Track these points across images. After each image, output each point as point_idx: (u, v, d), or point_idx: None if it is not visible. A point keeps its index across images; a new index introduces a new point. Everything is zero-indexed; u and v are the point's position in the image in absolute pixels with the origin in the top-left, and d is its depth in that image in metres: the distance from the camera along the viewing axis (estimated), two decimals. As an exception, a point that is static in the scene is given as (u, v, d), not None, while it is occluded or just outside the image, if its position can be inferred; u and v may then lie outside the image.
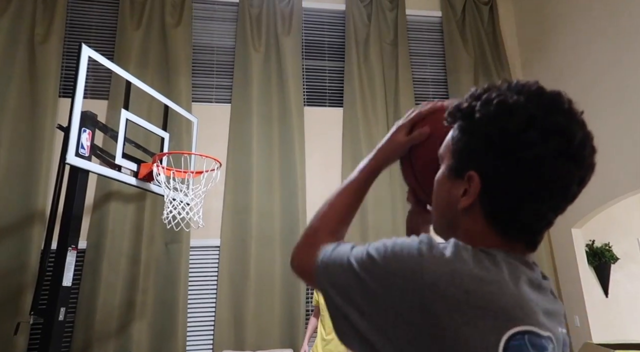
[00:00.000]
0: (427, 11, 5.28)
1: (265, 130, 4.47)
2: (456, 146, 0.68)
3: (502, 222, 0.63)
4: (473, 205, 0.65)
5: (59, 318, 2.67)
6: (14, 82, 4.05)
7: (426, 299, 0.55)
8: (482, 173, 0.63)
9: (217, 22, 4.81)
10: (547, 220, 0.63)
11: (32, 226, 3.80)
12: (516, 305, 0.56)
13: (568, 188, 0.62)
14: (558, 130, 0.60)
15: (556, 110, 0.61)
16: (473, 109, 0.65)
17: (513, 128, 0.60)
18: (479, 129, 0.64)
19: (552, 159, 0.59)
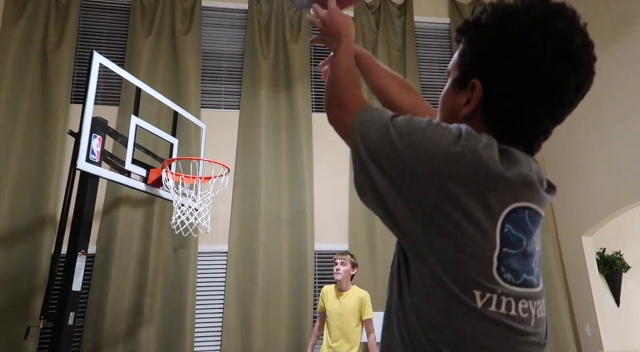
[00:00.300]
0: (435, 18, 5.28)
1: (273, 136, 4.49)
2: (462, 58, 0.73)
3: (501, 127, 0.68)
4: (474, 112, 0.70)
5: (69, 323, 2.69)
6: (26, 88, 4.12)
7: (448, 167, 0.61)
8: (485, 79, 0.68)
9: (226, 29, 4.86)
10: (545, 127, 0.68)
11: (43, 230, 3.84)
12: (525, 184, 0.63)
13: (565, 92, 0.65)
14: (558, 34, 0.64)
15: (557, 16, 0.65)
16: (480, 20, 0.70)
17: (515, 31, 0.65)
18: (483, 36, 0.68)
19: (551, 61, 0.63)
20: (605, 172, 4.08)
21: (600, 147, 4.16)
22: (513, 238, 0.62)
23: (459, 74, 0.73)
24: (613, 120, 4.02)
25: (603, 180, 4.10)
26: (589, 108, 4.29)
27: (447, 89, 0.77)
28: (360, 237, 4.35)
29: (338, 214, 4.47)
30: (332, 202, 4.49)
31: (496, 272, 0.60)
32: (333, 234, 4.41)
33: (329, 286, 3.34)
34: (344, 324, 3.12)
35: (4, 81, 4.07)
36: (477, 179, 0.60)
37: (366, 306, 3.15)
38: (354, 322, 3.13)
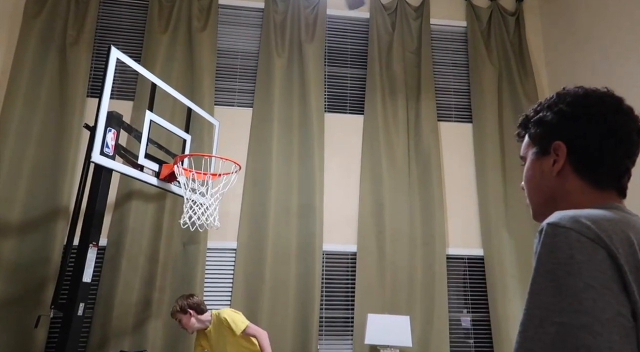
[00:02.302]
0: (452, 21, 5.25)
1: (285, 135, 4.50)
2: (536, 135, 0.86)
3: (591, 174, 0.78)
4: (564, 168, 0.80)
5: (78, 313, 2.73)
6: (45, 80, 4.19)
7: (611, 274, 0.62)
8: (565, 139, 0.80)
9: (242, 27, 4.88)
10: (625, 165, 0.78)
11: (56, 221, 3.90)
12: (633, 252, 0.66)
13: (630, 135, 0.79)
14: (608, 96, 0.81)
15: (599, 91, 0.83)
16: (540, 107, 0.87)
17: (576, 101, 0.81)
18: (553, 112, 0.83)
19: (612, 113, 0.78)
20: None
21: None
22: None
23: (538, 146, 0.85)
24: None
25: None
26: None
27: (530, 163, 0.87)
28: (369, 239, 4.34)
29: (348, 215, 4.47)
30: (342, 204, 4.49)
31: None
32: (342, 235, 4.40)
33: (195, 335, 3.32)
34: (235, 349, 3.09)
35: (23, 73, 4.14)
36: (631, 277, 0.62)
37: (231, 324, 3.05)
38: (237, 344, 3.09)
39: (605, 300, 0.57)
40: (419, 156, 4.65)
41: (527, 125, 0.89)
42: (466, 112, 5.00)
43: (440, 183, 4.55)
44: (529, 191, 0.88)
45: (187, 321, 3.12)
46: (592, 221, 0.64)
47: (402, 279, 4.24)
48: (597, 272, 0.58)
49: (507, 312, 4.19)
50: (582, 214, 0.66)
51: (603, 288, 0.58)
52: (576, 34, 4.74)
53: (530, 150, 0.87)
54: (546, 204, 0.84)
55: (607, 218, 0.66)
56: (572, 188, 0.80)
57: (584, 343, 0.54)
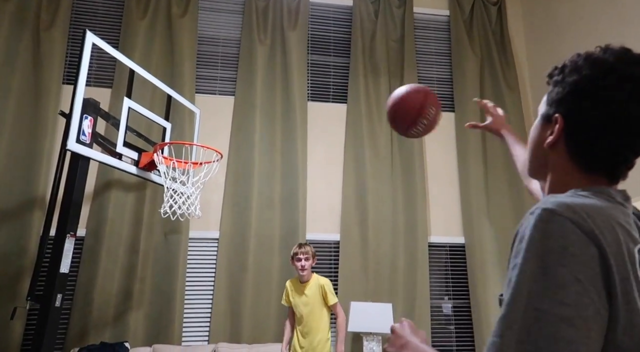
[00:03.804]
0: (435, 9, 5.24)
1: (268, 124, 4.46)
2: (549, 97, 0.83)
3: (581, 156, 0.76)
4: (558, 142, 0.79)
5: (56, 304, 2.67)
6: (18, 67, 4.05)
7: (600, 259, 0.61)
8: (566, 115, 0.77)
9: (223, 14, 4.79)
10: (624, 156, 0.75)
11: (32, 211, 3.80)
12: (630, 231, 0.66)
13: (636, 125, 0.73)
14: (632, 78, 0.73)
15: (633, 63, 0.74)
16: (565, 64, 0.81)
17: (593, 74, 0.75)
18: (566, 78, 0.78)
19: (624, 102, 0.72)
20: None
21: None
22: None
23: (546, 110, 0.83)
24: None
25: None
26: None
27: (536, 122, 0.86)
28: (352, 228, 4.35)
29: (330, 204, 4.46)
30: (325, 192, 4.48)
31: None
32: (325, 224, 4.40)
33: (291, 280, 3.42)
34: (310, 313, 3.20)
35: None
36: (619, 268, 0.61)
37: (328, 293, 3.22)
38: (319, 310, 3.21)
39: (590, 297, 0.57)
40: (401, 145, 4.66)
41: (552, 76, 0.84)
42: (448, 102, 5.02)
43: (422, 172, 4.58)
44: (529, 148, 0.88)
45: (310, 264, 3.27)
46: (588, 214, 0.63)
47: (384, 267, 4.27)
48: (587, 268, 0.59)
49: (487, 298, 4.27)
50: (578, 203, 0.65)
51: (589, 285, 0.58)
52: (557, 23, 4.78)
53: (542, 109, 0.85)
54: (539, 168, 0.84)
55: (601, 211, 0.65)
56: (560, 166, 0.79)
57: (563, 335, 0.55)
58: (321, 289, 3.23)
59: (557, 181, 0.79)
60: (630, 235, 0.65)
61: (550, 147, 0.80)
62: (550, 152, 0.81)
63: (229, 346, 3.69)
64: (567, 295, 0.57)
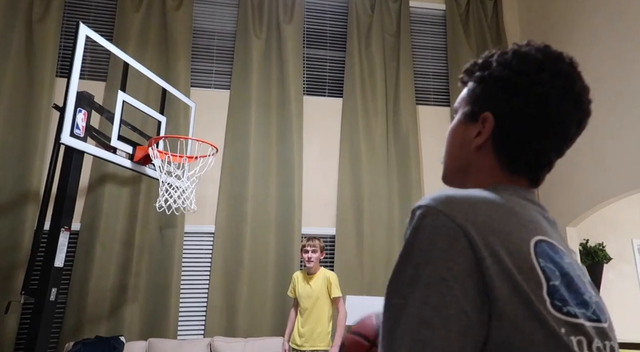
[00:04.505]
0: (431, 4, 5.23)
1: (263, 117, 4.45)
2: (472, 94, 0.77)
3: (509, 158, 0.71)
4: (485, 144, 0.73)
5: (50, 298, 2.66)
6: (10, 60, 4.00)
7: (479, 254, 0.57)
8: (496, 113, 0.72)
9: (219, 7, 4.76)
10: (549, 159, 0.72)
11: (26, 205, 3.78)
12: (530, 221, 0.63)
13: (568, 127, 0.71)
14: (563, 74, 0.70)
15: (560, 60, 0.72)
16: (489, 61, 0.76)
17: (526, 69, 0.71)
18: (495, 74, 0.73)
19: (557, 99, 0.69)
20: (591, 165, 4.11)
21: (587, 139, 4.19)
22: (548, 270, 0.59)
23: (470, 108, 0.76)
24: (599, 113, 4.04)
25: (589, 172, 4.13)
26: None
27: (457, 122, 0.79)
28: (347, 223, 4.35)
29: (326, 198, 4.46)
30: (320, 187, 4.48)
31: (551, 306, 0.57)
32: (321, 219, 4.41)
33: (299, 271, 3.43)
34: (313, 305, 3.22)
35: (-13, 52, 3.95)
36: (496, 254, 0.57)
37: (332, 285, 3.25)
38: (322, 302, 3.23)
39: (453, 295, 0.54)
40: (397, 140, 4.66)
41: (472, 75, 0.78)
42: (444, 96, 5.02)
43: (418, 166, 4.59)
44: (446, 151, 0.80)
45: (317, 258, 3.29)
46: (468, 203, 0.60)
47: (380, 260, 4.28)
48: (453, 263, 0.56)
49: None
50: (459, 193, 0.62)
51: (454, 281, 0.55)
52: (552, 18, 4.78)
53: (462, 109, 0.78)
54: (457, 172, 0.77)
55: (491, 202, 0.62)
56: (485, 167, 0.73)
57: (419, 337, 0.53)
58: (327, 281, 3.26)
59: (479, 182, 0.73)
60: (527, 226, 0.61)
61: (476, 149, 0.74)
62: (475, 154, 0.74)
63: (224, 339, 3.70)
64: (430, 295, 0.55)
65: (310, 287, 3.26)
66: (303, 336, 3.21)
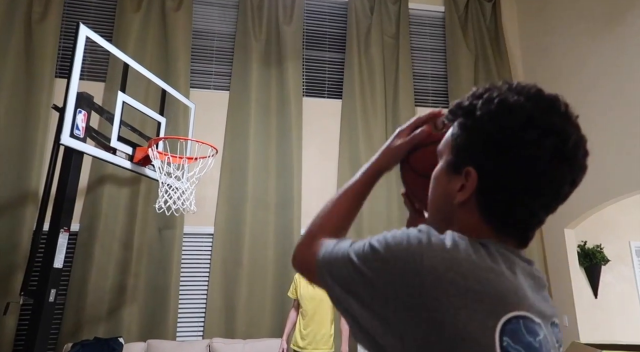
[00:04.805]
0: (430, 5, 5.24)
1: (263, 119, 4.45)
2: (455, 142, 0.70)
3: (496, 217, 0.65)
4: (469, 200, 0.67)
5: (49, 299, 2.66)
6: (9, 60, 4.00)
7: (426, 283, 0.56)
8: (480, 169, 0.65)
9: (218, 8, 4.76)
10: (539, 218, 0.66)
11: (25, 206, 3.77)
12: (511, 291, 0.58)
13: (560, 188, 0.65)
14: (554, 131, 0.63)
15: (553, 112, 0.64)
16: (474, 107, 0.67)
17: (512, 126, 0.63)
18: (479, 126, 0.66)
19: (547, 159, 0.62)
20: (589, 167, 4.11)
21: (587, 141, 4.20)
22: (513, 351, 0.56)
23: (453, 158, 0.70)
24: (597, 115, 4.06)
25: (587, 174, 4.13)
26: (573, 103, 4.32)
27: (440, 170, 0.73)
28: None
29: (325, 199, 4.45)
30: (320, 187, 4.49)
31: None
32: (320, 220, 4.40)
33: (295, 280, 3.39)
34: (317, 308, 3.21)
35: (-13, 52, 3.94)
36: (459, 291, 0.55)
37: None
38: (325, 305, 3.22)
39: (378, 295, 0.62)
40: (396, 141, 4.67)
41: (456, 117, 0.71)
42: (443, 97, 5.03)
43: (417, 168, 4.59)
44: (429, 200, 0.75)
45: None
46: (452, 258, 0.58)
47: (379, 262, 4.28)
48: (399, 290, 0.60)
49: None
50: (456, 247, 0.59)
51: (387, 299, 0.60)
52: (550, 20, 4.80)
53: (445, 155, 0.72)
54: (441, 223, 0.71)
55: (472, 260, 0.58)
56: (470, 224, 0.67)
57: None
58: None
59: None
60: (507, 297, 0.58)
61: (460, 205, 0.68)
62: (459, 209, 0.68)
63: (223, 341, 3.69)
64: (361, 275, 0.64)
65: (314, 289, 3.24)
66: (306, 338, 3.20)
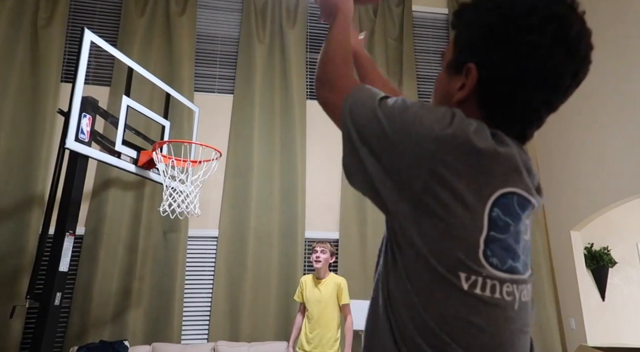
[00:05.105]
0: (434, 8, 5.24)
1: (266, 122, 4.46)
2: (457, 40, 0.70)
3: (495, 113, 0.66)
4: (469, 97, 0.67)
5: (55, 303, 2.67)
6: (16, 65, 4.04)
7: (439, 149, 0.60)
8: (480, 64, 0.65)
9: (222, 12, 4.78)
10: (539, 114, 0.66)
11: (31, 210, 3.80)
12: (514, 169, 0.62)
13: (560, 79, 0.64)
14: (557, 17, 0.62)
15: (557, 1, 0.63)
16: (476, 3, 0.68)
17: (514, 14, 0.63)
18: (481, 19, 0.66)
19: (548, 46, 0.61)
20: (596, 169, 4.10)
21: (591, 143, 4.18)
22: (501, 222, 0.61)
23: (454, 57, 0.70)
24: (605, 116, 4.03)
25: (593, 176, 4.12)
26: (581, 105, 4.30)
27: (441, 74, 0.74)
28: (351, 226, 4.35)
29: (330, 202, 4.46)
30: (324, 191, 4.48)
31: (482, 255, 0.60)
32: (324, 222, 4.40)
33: (307, 276, 3.37)
34: (322, 311, 3.18)
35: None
36: (468, 162, 0.59)
37: (343, 292, 3.22)
38: (331, 308, 3.19)
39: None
40: (400, 143, 4.66)
41: (461, 18, 0.70)
42: (447, 100, 5.02)
43: (421, 170, 4.58)
44: (433, 102, 0.76)
45: (326, 260, 3.25)
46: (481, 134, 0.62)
47: (383, 265, 4.27)
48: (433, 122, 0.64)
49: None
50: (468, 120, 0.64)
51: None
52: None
53: (448, 57, 0.72)
54: None
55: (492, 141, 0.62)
56: None
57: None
58: (337, 287, 3.22)
59: None
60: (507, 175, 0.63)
61: (459, 103, 0.68)
62: (460, 108, 0.68)
63: (228, 344, 3.69)
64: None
65: (320, 292, 3.21)
66: (312, 342, 3.17)
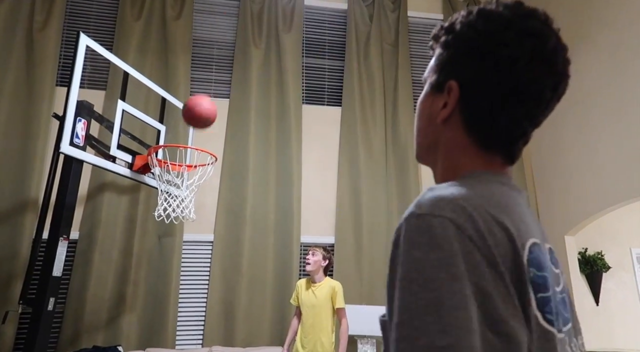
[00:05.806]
0: (429, 13, 5.27)
1: (262, 126, 4.46)
2: (438, 61, 0.70)
3: (479, 130, 0.65)
4: (452, 115, 0.67)
5: (48, 308, 2.65)
6: (10, 68, 4.02)
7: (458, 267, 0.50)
8: (461, 80, 0.66)
9: (218, 17, 4.79)
10: (523, 129, 0.65)
11: (25, 214, 3.77)
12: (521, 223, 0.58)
13: (541, 92, 0.64)
14: (533, 33, 0.63)
15: (532, 17, 0.65)
16: (454, 23, 0.69)
17: (491, 30, 0.64)
18: (459, 37, 0.67)
19: (527, 60, 0.62)
20: (590, 174, 4.13)
21: (585, 148, 4.21)
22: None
23: (436, 77, 0.70)
24: (598, 122, 4.06)
25: (587, 181, 4.15)
26: (574, 110, 4.33)
27: (424, 94, 0.73)
28: (346, 231, 4.35)
29: (325, 207, 4.47)
30: (319, 196, 4.49)
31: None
32: (319, 227, 4.40)
33: (303, 279, 3.39)
34: (317, 315, 3.18)
35: (-12, 61, 3.97)
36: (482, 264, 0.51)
37: (337, 295, 3.22)
38: (326, 312, 3.19)
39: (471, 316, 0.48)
40: (396, 148, 4.68)
41: (439, 40, 0.71)
42: (443, 105, 5.05)
43: (417, 175, 4.59)
44: (416, 127, 0.74)
45: (316, 263, 3.26)
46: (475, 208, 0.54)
47: (379, 270, 4.27)
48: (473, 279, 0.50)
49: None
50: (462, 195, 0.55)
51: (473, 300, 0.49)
52: (549, 29, 4.82)
53: (429, 79, 0.72)
54: (428, 149, 0.71)
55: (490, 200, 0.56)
56: (455, 143, 0.67)
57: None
58: (332, 291, 3.23)
59: (451, 163, 0.67)
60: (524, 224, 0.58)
61: (443, 122, 0.68)
62: (444, 128, 0.68)
63: (223, 349, 3.68)
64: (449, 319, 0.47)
65: (315, 295, 3.22)
66: (306, 346, 3.17)
